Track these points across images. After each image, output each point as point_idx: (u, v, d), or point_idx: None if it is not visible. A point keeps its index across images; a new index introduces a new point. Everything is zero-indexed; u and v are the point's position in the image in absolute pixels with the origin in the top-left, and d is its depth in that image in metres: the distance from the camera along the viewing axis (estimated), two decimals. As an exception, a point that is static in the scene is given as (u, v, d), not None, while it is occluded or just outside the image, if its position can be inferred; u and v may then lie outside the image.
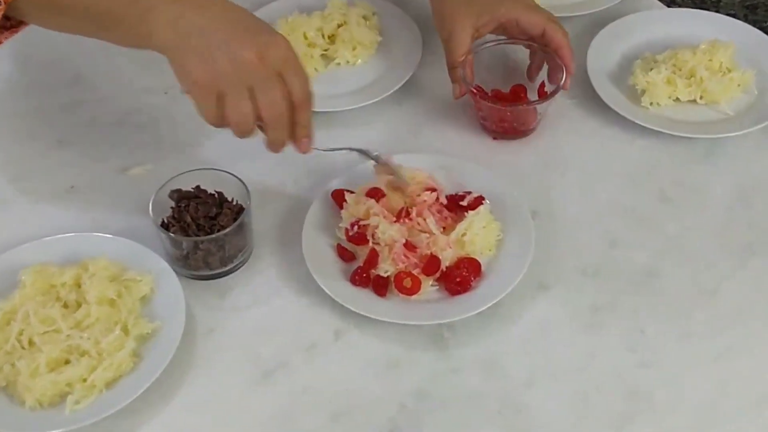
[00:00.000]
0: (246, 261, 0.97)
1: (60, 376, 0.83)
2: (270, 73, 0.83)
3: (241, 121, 0.85)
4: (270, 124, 0.86)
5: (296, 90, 0.85)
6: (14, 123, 1.13)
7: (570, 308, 0.92)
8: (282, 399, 0.86)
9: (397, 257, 0.93)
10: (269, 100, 0.84)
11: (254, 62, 0.82)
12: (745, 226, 0.99)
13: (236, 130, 0.86)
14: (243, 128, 0.86)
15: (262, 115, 0.85)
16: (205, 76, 0.82)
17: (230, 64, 0.82)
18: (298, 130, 0.88)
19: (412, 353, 0.89)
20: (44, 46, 1.21)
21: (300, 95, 0.86)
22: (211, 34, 0.82)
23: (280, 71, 0.84)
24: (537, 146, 1.08)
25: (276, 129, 0.87)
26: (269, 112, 0.85)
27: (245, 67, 0.82)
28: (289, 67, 0.84)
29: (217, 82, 0.83)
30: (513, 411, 0.85)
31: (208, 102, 0.84)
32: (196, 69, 0.82)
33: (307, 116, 0.88)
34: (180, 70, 0.84)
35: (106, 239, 0.95)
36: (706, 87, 1.09)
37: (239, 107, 0.84)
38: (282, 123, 0.86)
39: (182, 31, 0.83)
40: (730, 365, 0.88)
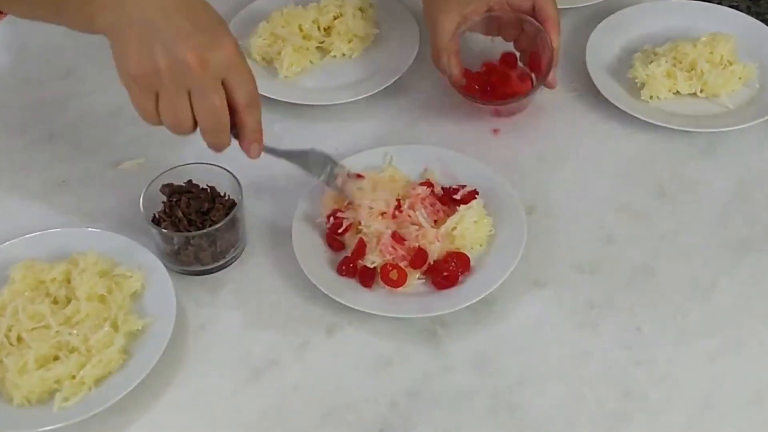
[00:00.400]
0: (238, 257, 0.96)
1: (48, 372, 0.83)
2: (209, 78, 0.80)
3: (175, 124, 0.82)
4: (205, 130, 0.83)
5: (240, 94, 0.82)
6: (5, 117, 1.12)
7: (565, 305, 0.91)
8: (273, 397, 0.85)
9: (384, 249, 0.92)
10: (206, 107, 0.81)
11: (194, 66, 0.78)
12: (743, 222, 0.98)
13: (171, 129, 0.84)
14: (178, 131, 0.83)
15: (198, 120, 0.82)
16: (144, 73, 0.79)
17: (169, 64, 0.78)
18: (246, 134, 0.86)
19: (404, 351, 0.88)
20: (35, 40, 1.20)
21: (244, 100, 0.83)
22: (155, 26, 0.78)
23: (223, 76, 0.81)
24: (534, 140, 1.07)
25: (213, 134, 0.84)
26: (205, 119, 0.82)
27: (184, 70, 0.78)
28: (232, 71, 0.81)
29: (154, 81, 0.79)
30: (506, 410, 0.84)
31: (143, 98, 0.81)
32: (134, 62, 0.79)
33: (254, 120, 0.85)
34: (118, 58, 0.80)
35: (96, 234, 0.95)
36: (707, 80, 1.07)
37: (174, 110, 0.81)
38: (219, 129, 0.83)
39: (126, 18, 0.79)
40: (726, 363, 0.87)
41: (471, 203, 0.94)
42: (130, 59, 0.79)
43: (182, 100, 0.81)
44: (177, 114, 0.81)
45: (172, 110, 0.81)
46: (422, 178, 1.00)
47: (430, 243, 0.92)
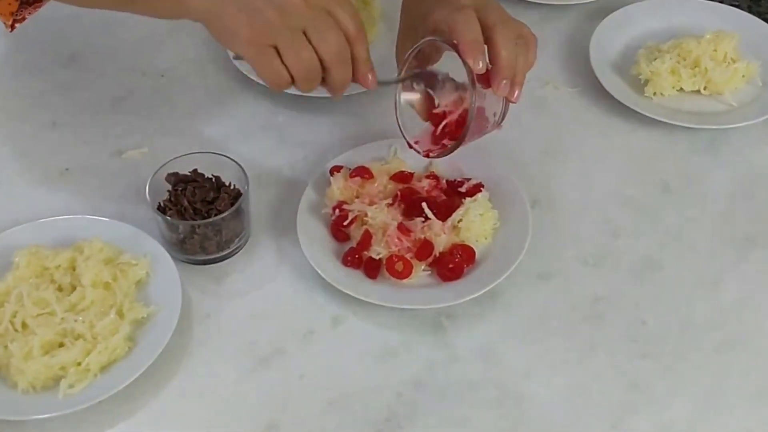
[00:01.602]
0: (243, 246, 0.95)
1: (54, 359, 0.82)
2: (319, 12, 0.80)
3: (306, 68, 0.81)
4: (333, 64, 0.82)
5: (348, 24, 0.81)
6: (8, 104, 1.11)
7: (570, 298, 0.92)
8: (278, 386, 0.85)
9: (390, 240, 0.92)
10: (327, 40, 0.80)
11: (300, 5, 0.78)
12: (747, 218, 0.98)
13: (302, 82, 0.82)
14: (309, 76, 0.82)
15: (324, 57, 0.81)
16: (255, 32, 0.79)
17: (276, 12, 0.78)
18: (360, 67, 0.84)
19: (410, 342, 0.88)
20: (39, 27, 1.18)
21: (353, 29, 0.82)
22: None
23: (328, 8, 0.80)
24: (538, 135, 1.07)
25: (339, 68, 0.82)
26: (330, 52, 0.81)
27: (293, 12, 0.78)
28: (335, 2, 0.81)
29: (269, 35, 0.79)
30: (511, 401, 0.84)
31: (265, 58, 0.80)
32: (243, 27, 0.79)
33: (365, 49, 0.83)
34: (225, 33, 0.80)
35: (101, 222, 0.94)
36: (711, 77, 1.08)
37: (300, 55, 0.80)
38: (344, 60, 0.82)
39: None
40: (731, 356, 0.87)
41: (476, 196, 0.95)
42: (239, 28, 0.79)
43: (302, 42, 0.80)
44: (303, 56, 0.80)
45: (296, 55, 0.80)
46: (427, 171, 1.00)
47: (436, 235, 0.92)
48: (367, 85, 0.86)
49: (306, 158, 1.03)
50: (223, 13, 0.79)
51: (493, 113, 0.90)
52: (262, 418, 0.83)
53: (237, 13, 0.79)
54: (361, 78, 0.85)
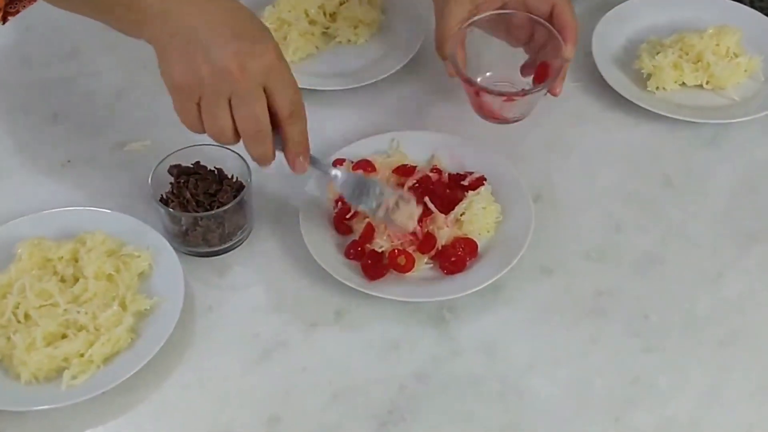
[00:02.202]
0: (245, 239, 0.95)
1: (57, 350, 0.82)
2: (250, 85, 0.78)
3: (217, 132, 0.81)
4: (247, 139, 0.82)
5: (283, 103, 0.81)
6: (10, 96, 1.11)
7: (573, 293, 0.92)
8: (281, 378, 0.85)
9: (392, 234, 0.92)
10: (246, 114, 0.80)
11: (234, 72, 0.77)
12: (750, 213, 0.99)
13: (213, 138, 0.83)
14: (219, 139, 0.82)
15: (239, 129, 0.81)
16: (186, 81, 0.78)
17: (209, 71, 0.77)
18: (290, 146, 0.84)
19: (412, 335, 0.88)
20: (41, 19, 1.19)
21: (286, 108, 0.81)
22: (197, 35, 0.78)
23: (264, 83, 0.79)
24: (541, 129, 1.07)
25: (254, 144, 0.82)
26: (245, 127, 0.81)
27: (224, 77, 0.77)
28: (274, 77, 0.80)
29: (196, 89, 0.79)
30: (514, 395, 0.84)
31: (186, 107, 0.81)
32: (177, 71, 0.79)
33: (298, 131, 0.84)
34: (164, 68, 0.80)
35: (103, 214, 0.94)
36: (713, 72, 1.08)
37: (216, 119, 0.80)
38: (260, 138, 0.82)
39: (170, 28, 0.79)
40: (733, 351, 0.87)
41: (479, 189, 0.95)
42: (174, 68, 0.79)
43: (222, 108, 0.80)
44: (218, 122, 0.80)
45: (213, 118, 0.80)
46: (429, 165, 1.00)
47: (439, 228, 0.92)
48: (293, 168, 0.86)
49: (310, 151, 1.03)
50: (168, 49, 0.79)
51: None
52: (264, 410, 0.83)
53: (178, 56, 0.79)
54: (289, 159, 0.86)
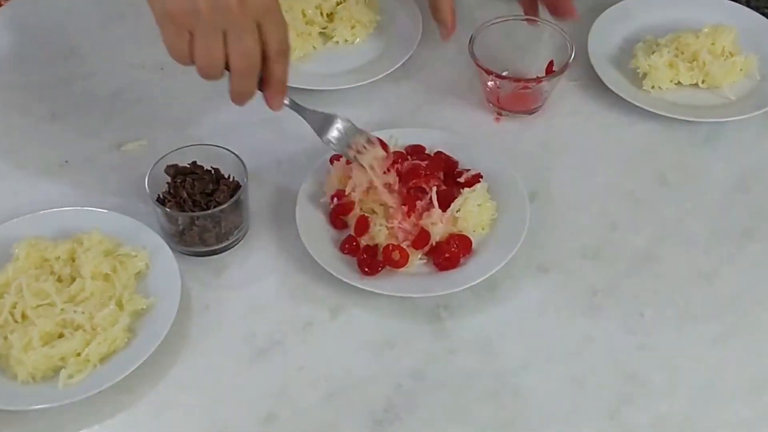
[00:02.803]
0: (242, 238, 0.96)
1: (53, 349, 0.83)
2: (247, 20, 0.80)
3: (208, 64, 0.82)
4: (237, 72, 0.83)
5: (273, 41, 0.82)
6: (7, 96, 1.11)
7: (568, 291, 0.92)
8: (277, 376, 0.86)
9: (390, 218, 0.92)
10: (241, 48, 0.81)
11: (233, 6, 0.78)
12: (744, 211, 0.99)
13: (202, 72, 0.83)
14: (209, 71, 0.83)
15: (231, 61, 0.82)
16: (180, 9, 0.78)
17: (209, 3, 0.78)
18: (272, 84, 0.86)
19: (408, 333, 0.89)
20: (38, 19, 1.19)
21: (276, 46, 0.83)
22: None
23: (259, 20, 0.81)
24: (537, 128, 1.07)
25: (243, 79, 0.84)
26: (238, 60, 0.82)
27: (223, 10, 0.78)
28: (269, 16, 0.81)
29: (191, 19, 0.79)
30: (509, 392, 0.84)
31: (178, 37, 0.81)
32: (173, 2, 0.79)
33: (282, 69, 0.85)
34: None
35: (100, 214, 0.94)
36: (709, 71, 1.08)
37: (209, 50, 0.81)
38: (249, 72, 0.83)
39: None
40: (727, 349, 0.87)
41: (475, 186, 0.95)
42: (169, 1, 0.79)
43: (217, 40, 0.80)
44: (211, 54, 0.81)
45: (206, 50, 0.81)
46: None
47: (434, 224, 0.92)
48: (271, 105, 0.88)
49: (305, 150, 1.03)
50: None
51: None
52: (260, 408, 0.83)
53: None
54: (268, 96, 0.87)
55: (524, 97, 1.06)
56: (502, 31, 1.08)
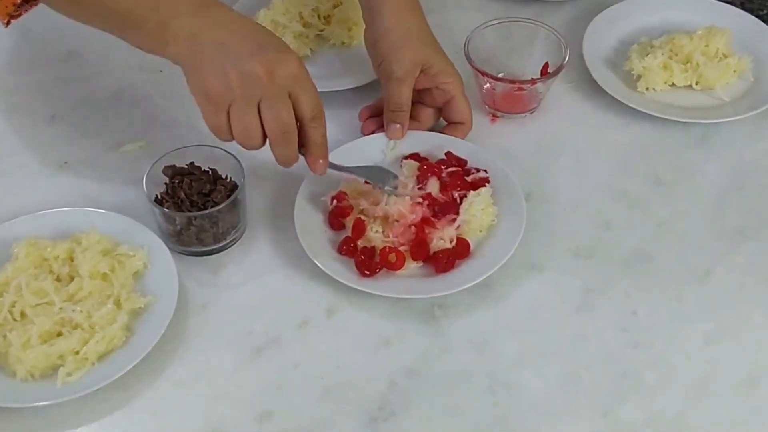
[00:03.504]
0: (239, 238, 0.96)
1: (52, 348, 0.83)
2: (278, 89, 0.84)
3: (245, 134, 0.86)
4: (274, 139, 0.87)
5: (305, 107, 0.86)
6: (7, 98, 1.12)
7: (562, 289, 0.93)
8: (273, 374, 0.86)
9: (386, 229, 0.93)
10: (274, 115, 0.85)
11: (263, 78, 0.83)
12: (738, 210, 1.00)
13: (241, 143, 0.87)
14: (247, 141, 0.87)
15: (267, 131, 0.86)
16: (217, 90, 0.84)
17: (240, 77, 0.83)
18: (311, 148, 0.90)
19: (403, 332, 0.89)
20: (39, 22, 1.19)
21: (309, 113, 0.87)
22: (225, 48, 0.83)
23: (289, 89, 0.85)
24: (532, 129, 1.08)
25: (281, 145, 0.87)
26: (273, 127, 0.86)
27: (254, 82, 0.83)
28: (298, 84, 0.85)
29: (226, 96, 0.84)
30: (503, 389, 0.85)
31: (216, 115, 0.85)
32: (208, 81, 0.84)
33: (319, 134, 0.89)
34: (194, 82, 0.85)
35: (99, 214, 0.95)
36: (702, 72, 1.09)
37: (244, 120, 0.85)
38: (287, 139, 0.87)
39: (198, 46, 0.84)
40: (720, 347, 0.88)
41: (480, 190, 0.95)
42: (205, 79, 0.84)
43: (252, 112, 0.84)
44: (247, 126, 0.85)
45: (242, 122, 0.85)
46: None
47: (439, 239, 0.93)
48: (314, 168, 0.92)
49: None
50: (197, 64, 0.84)
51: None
52: (257, 406, 0.84)
53: (208, 69, 0.84)
54: (310, 161, 0.91)
55: (520, 98, 1.07)
56: (497, 34, 1.10)
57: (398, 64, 1.00)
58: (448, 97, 1.02)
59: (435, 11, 1.15)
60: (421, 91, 1.03)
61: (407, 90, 1.00)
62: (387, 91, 1.01)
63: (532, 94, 1.07)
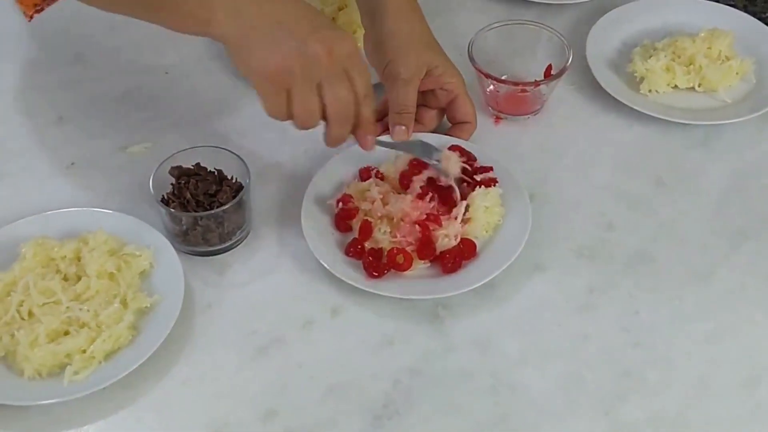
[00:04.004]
0: (244, 239, 0.97)
1: (59, 346, 0.84)
2: (338, 68, 0.84)
3: (307, 117, 0.86)
4: (335, 120, 0.87)
5: (360, 85, 0.86)
6: (15, 100, 1.13)
7: (565, 289, 0.93)
8: (278, 373, 0.87)
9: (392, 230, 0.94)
10: (336, 96, 0.85)
11: (323, 57, 0.82)
12: (739, 211, 1.00)
13: (300, 125, 0.87)
14: (307, 123, 0.86)
15: (328, 111, 0.86)
16: (278, 69, 0.82)
17: (300, 58, 0.81)
18: (363, 125, 0.90)
19: (407, 331, 0.90)
20: (46, 25, 1.21)
21: (363, 91, 0.87)
22: (277, 27, 0.82)
23: (346, 67, 0.85)
24: (536, 130, 1.09)
25: (339, 125, 0.88)
26: (335, 108, 0.86)
27: (315, 62, 0.82)
28: (354, 63, 0.85)
29: (288, 77, 0.82)
30: (506, 389, 0.86)
31: (277, 97, 0.84)
32: (266, 63, 0.82)
33: (370, 111, 0.89)
34: (245, 63, 0.83)
35: (105, 214, 0.96)
36: (705, 75, 1.10)
37: (306, 102, 0.84)
38: (346, 119, 0.87)
39: (246, 23, 0.82)
40: (721, 346, 0.89)
41: (489, 189, 0.96)
42: (261, 63, 0.82)
43: (313, 93, 0.84)
44: (309, 107, 0.85)
45: (304, 104, 0.84)
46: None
47: (445, 236, 0.93)
48: (364, 145, 0.92)
49: (307, 152, 1.05)
50: (247, 44, 0.82)
51: None
52: (261, 404, 0.85)
53: (261, 49, 0.82)
54: (360, 137, 0.91)
55: (523, 100, 1.08)
56: (500, 36, 1.10)
57: (405, 66, 1.00)
58: (452, 96, 1.03)
59: (439, 14, 1.16)
60: (425, 92, 1.03)
61: (413, 91, 1.01)
62: (392, 93, 1.01)
63: (536, 96, 1.08)
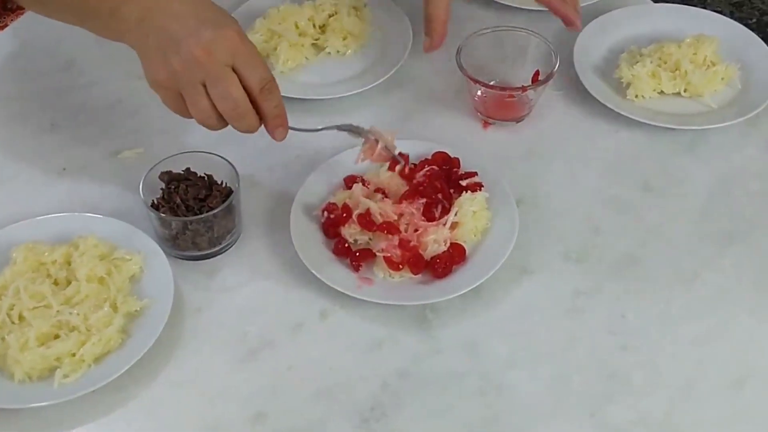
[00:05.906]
0: (234, 243, 0.98)
1: (49, 350, 0.85)
2: (218, 67, 0.84)
3: (204, 117, 0.87)
4: (228, 117, 0.87)
5: (252, 80, 0.86)
6: (7, 106, 1.14)
7: (552, 293, 0.94)
8: (267, 376, 0.88)
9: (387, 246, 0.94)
10: (221, 95, 0.85)
11: (202, 58, 0.83)
12: (725, 215, 1.01)
13: (202, 124, 0.89)
14: (207, 122, 0.88)
15: (221, 111, 0.86)
16: (163, 76, 0.85)
17: (181, 63, 0.84)
18: (267, 119, 0.89)
19: (396, 334, 0.91)
20: (38, 32, 1.22)
21: (257, 85, 0.86)
22: (167, 32, 0.84)
23: (231, 62, 0.85)
24: (523, 135, 1.10)
25: (237, 121, 0.88)
26: (223, 106, 0.86)
27: (194, 64, 0.84)
28: (239, 58, 0.85)
29: (174, 82, 0.85)
30: (494, 391, 0.86)
31: (172, 101, 0.87)
32: (156, 69, 0.86)
33: (271, 105, 0.88)
34: (145, 69, 0.87)
35: (96, 219, 0.97)
36: (690, 80, 1.11)
37: (196, 104, 0.86)
38: (239, 115, 0.87)
39: (144, 31, 0.86)
40: (707, 349, 0.89)
41: (475, 194, 0.97)
42: (153, 68, 0.86)
43: (200, 93, 0.85)
44: (199, 107, 0.86)
45: (194, 104, 0.86)
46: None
47: (433, 242, 0.94)
48: (273, 137, 0.91)
49: (299, 158, 1.06)
50: (145, 51, 0.87)
51: None
52: (251, 407, 0.85)
53: (154, 56, 0.86)
54: (268, 130, 0.91)
55: (511, 105, 1.09)
56: (489, 42, 1.11)
57: None
58: None
59: (428, 20, 1.17)
60: None
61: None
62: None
63: (524, 101, 1.09)
